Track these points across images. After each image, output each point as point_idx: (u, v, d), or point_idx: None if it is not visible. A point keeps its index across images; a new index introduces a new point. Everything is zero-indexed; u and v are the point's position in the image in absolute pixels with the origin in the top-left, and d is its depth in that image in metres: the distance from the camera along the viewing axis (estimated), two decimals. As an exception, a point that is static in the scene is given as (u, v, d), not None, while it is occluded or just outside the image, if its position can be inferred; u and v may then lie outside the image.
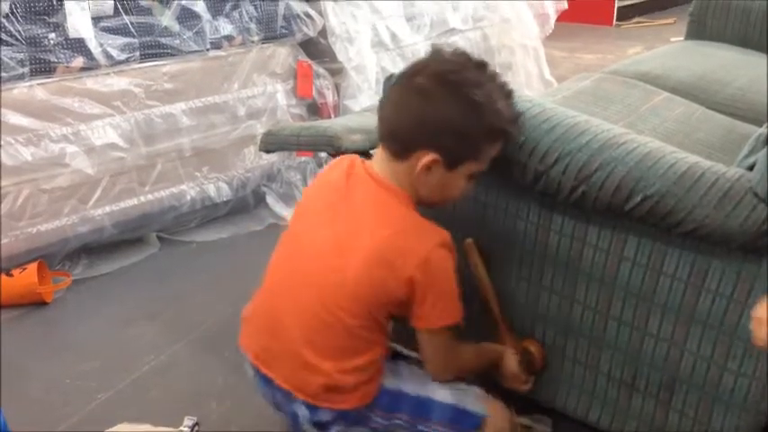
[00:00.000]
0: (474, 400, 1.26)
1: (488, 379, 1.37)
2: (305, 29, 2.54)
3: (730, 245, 1.12)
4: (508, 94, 1.20)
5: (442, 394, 1.25)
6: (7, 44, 1.92)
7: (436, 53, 1.20)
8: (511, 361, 1.36)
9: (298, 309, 1.19)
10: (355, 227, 1.17)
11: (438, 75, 1.13)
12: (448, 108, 1.12)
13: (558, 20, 3.73)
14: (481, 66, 1.18)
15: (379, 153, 1.20)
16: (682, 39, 2.96)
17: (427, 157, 1.13)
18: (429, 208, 1.21)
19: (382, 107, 1.20)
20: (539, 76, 3.56)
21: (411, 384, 1.25)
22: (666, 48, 2.94)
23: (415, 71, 1.16)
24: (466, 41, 3.25)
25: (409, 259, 1.13)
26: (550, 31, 3.73)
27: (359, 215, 1.17)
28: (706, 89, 2.20)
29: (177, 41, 2.23)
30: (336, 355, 1.18)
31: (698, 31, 2.83)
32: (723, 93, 2.18)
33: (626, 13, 5.79)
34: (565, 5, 3.74)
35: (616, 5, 5.68)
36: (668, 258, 1.19)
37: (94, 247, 2.22)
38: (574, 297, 1.32)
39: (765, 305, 0.90)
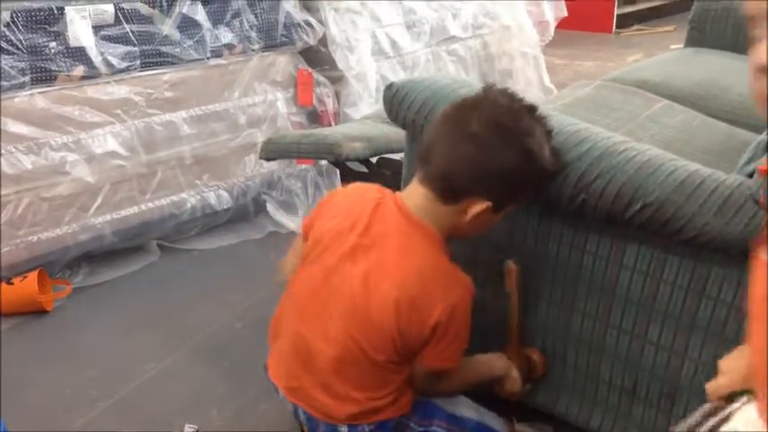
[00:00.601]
0: (492, 418, 1.32)
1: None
2: (305, 37, 2.55)
3: (730, 252, 1.12)
4: (550, 135, 1.20)
5: (468, 412, 1.29)
6: (8, 53, 1.92)
7: (488, 93, 1.20)
8: (515, 383, 1.36)
9: (327, 342, 1.19)
10: (384, 267, 1.16)
11: (493, 123, 1.13)
12: (505, 159, 1.12)
13: (557, 27, 3.74)
14: (532, 110, 1.19)
15: (417, 189, 1.18)
16: (681, 46, 2.97)
17: (481, 205, 1.14)
18: (456, 239, 1.23)
19: (428, 144, 1.18)
20: (539, 84, 3.57)
21: (439, 400, 1.28)
22: (666, 55, 2.95)
23: (467, 115, 1.15)
24: (466, 49, 3.26)
25: (436, 306, 1.14)
26: (550, 39, 3.74)
27: (388, 254, 1.17)
28: (705, 96, 2.20)
29: (178, 50, 2.24)
30: (366, 386, 1.20)
31: (697, 39, 2.83)
32: (723, 99, 2.18)
33: (625, 21, 5.80)
34: (564, 13, 3.75)
35: (615, 13, 5.69)
36: (668, 266, 1.19)
37: (95, 256, 2.22)
38: (573, 305, 1.32)
39: (731, 358, 0.91)
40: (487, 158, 1.12)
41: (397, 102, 1.40)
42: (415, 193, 1.18)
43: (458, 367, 1.24)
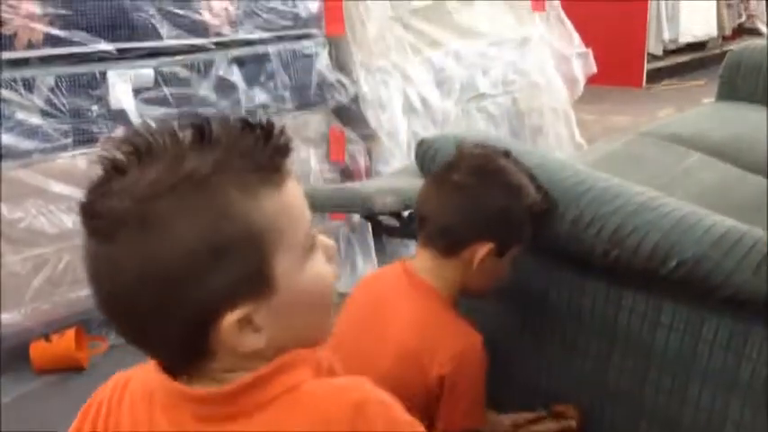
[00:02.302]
0: None
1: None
2: (337, 96, 2.60)
3: (770, 310, 1.10)
4: (532, 176, 1.23)
5: None
6: (52, 116, 1.99)
7: (461, 150, 1.25)
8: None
9: None
10: (386, 328, 1.17)
11: (474, 168, 1.18)
12: (492, 197, 1.17)
13: (587, 83, 3.76)
14: (507, 153, 1.24)
15: (421, 253, 1.21)
16: (713, 100, 2.96)
17: (484, 248, 1.16)
18: (476, 298, 1.24)
19: (420, 207, 1.23)
20: (569, 139, 3.57)
21: None
22: (698, 109, 2.94)
23: (447, 170, 1.21)
24: (496, 106, 3.29)
25: (438, 356, 1.13)
26: (580, 95, 3.76)
27: (391, 317, 1.18)
28: (739, 150, 2.19)
29: (214, 111, 2.29)
30: None
31: (729, 93, 2.82)
32: (756, 153, 2.16)
33: (655, 76, 5.82)
34: (594, 69, 3.77)
35: (645, 68, 5.72)
36: (706, 324, 1.17)
37: (131, 313, 2.24)
38: (610, 362, 1.30)
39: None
40: (476, 201, 1.16)
41: (429, 157, 1.42)
42: (420, 257, 1.21)
43: (480, 427, 1.21)
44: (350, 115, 2.70)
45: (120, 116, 2.11)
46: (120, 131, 2.11)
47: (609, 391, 1.31)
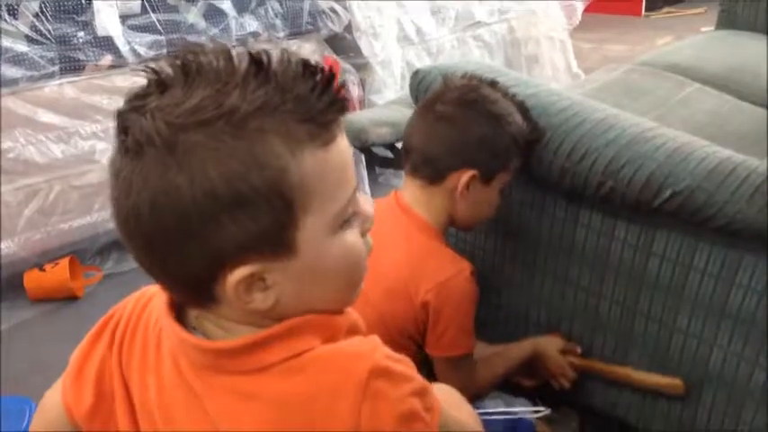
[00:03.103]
0: (521, 404, 1.31)
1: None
2: (330, 24, 2.55)
3: (762, 240, 1.10)
4: (522, 106, 1.23)
5: (495, 403, 1.29)
6: (37, 43, 1.95)
7: (448, 81, 1.25)
8: (552, 351, 1.35)
9: None
10: (380, 255, 1.17)
11: (457, 99, 1.19)
12: (474, 126, 1.17)
13: (585, 11, 3.69)
14: (493, 83, 1.24)
15: (408, 182, 1.22)
16: (712, 29, 2.92)
17: (466, 175, 1.16)
18: (467, 230, 1.24)
19: (406, 139, 1.24)
20: (566, 69, 3.53)
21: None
22: (697, 38, 2.90)
23: (432, 101, 1.21)
24: (492, 34, 3.23)
25: (423, 283, 1.15)
26: (577, 23, 3.69)
27: (385, 244, 1.18)
28: (738, 80, 2.16)
29: (203, 38, 2.25)
30: None
31: (728, 21, 2.78)
32: (755, 84, 2.14)
33: (655, 3, 5.72)
34: (592, -4, 3.70)
35: (645, -5, 5.61)
36: (698, 253, 1.18)
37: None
38: (601, 293, 1.31)
39: None
40: (459, 130, 1.17)
41: (423, 88, 1.39)
42: (408, 186, 1.22)
43: (468, 355, 1.23)
44: (343, 44, 2.66)
45: (106, 43, 2.06)
46: (107, 59, 2.07)
47: (600, 321, 1.33)
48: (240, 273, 0.57)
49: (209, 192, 0.55)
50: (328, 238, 0.60)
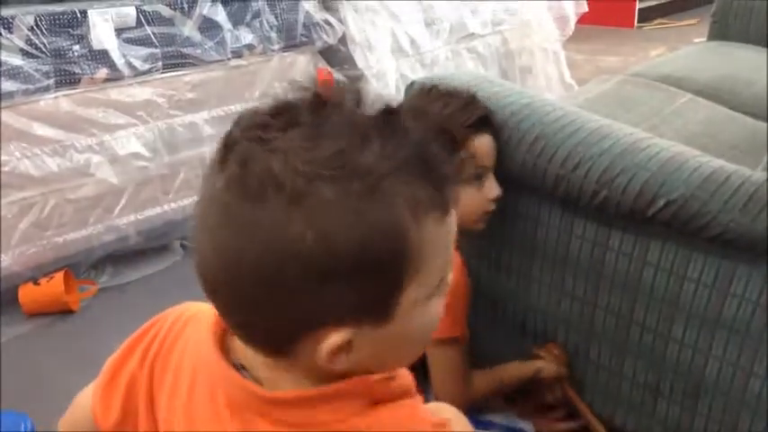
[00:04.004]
0: (522, 420, 1.34)
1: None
2: (325, 36, 2.55)
3: (756, 249, 1.11)
4: (471, 97, 1.25)
5: (495, 416, 1.32)
6: (33, 56, 1.95)
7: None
8: (551, 373, 1.36)
9: None
10: None
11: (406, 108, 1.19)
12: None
13: (578, 22, 3.71)
14: (429, 91, 1.30)
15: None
16: (705, 40, 2.94)
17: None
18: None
19: None
20: (559, 80, 3.54)
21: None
22: (689, 49, 2.92)
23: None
24: (486, 46, 3.25)
25: None
26: (570, 34, 3.71)
27: None
28: (730, 90, 2.18)
29: (199, 51, 2.25)
30: None
31: (721, 32, 2.80)
32: (747, 94, 2.15)
33: (647, 15, 5.74)
34: (585, 8, 3.72)
35: (637, 7, 5.64)
36: (693, 263, 1.18)
37: (120, 256, 2.24)
38: (596, 302, 1.31)
39: None
40: None
41: (417, 100, 1.40)
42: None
43: (454, 339, 1.22)
44: (337, 56, 2.66)
45: (102, 56, 2.07)
46: (102, 72, 2.07)
47: (595, 330, 1.33)
48: (336, 339, 0.54)
49: (333, 253, 0.51)
50: (423, 305, 0.58)
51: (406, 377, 0.63)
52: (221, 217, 0.53)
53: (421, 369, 1.23)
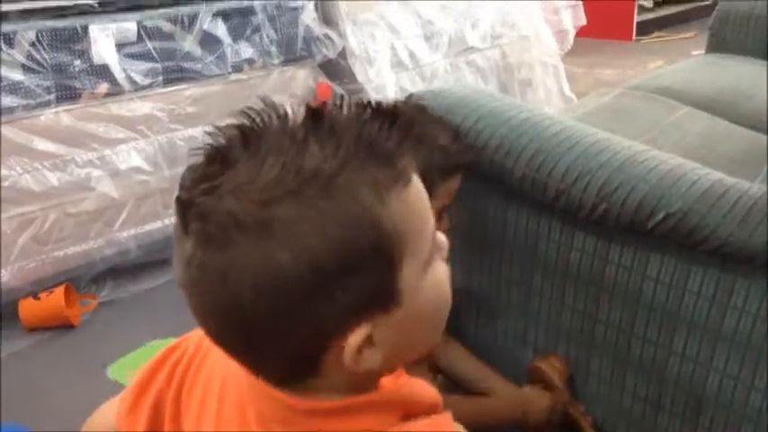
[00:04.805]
0: None
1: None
2: (324, 50, 2.57)
3: (755, 262, 1.11)
4: (451, 129, 1.22)
5: None
6: (34, 72, 1.96)
7: None
8: (539, 409, 1.34)
9: None
10: None
11: None
12: None
13: (576, 35, 3.73)
14: (420, 109, 1.23)
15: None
16: (703, 52, 2.95)
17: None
18: None
19: None
20: (558, 93, 3.56)
21: None
22: (687, 62, 2.93)
23: None
24: (485, 59, 3.26)
25: None
26: (569, 47, 3.73)
27: None
28: (728, 103, 2.19)
29: (199, 65, 2.27)
30: None
31: (718, 45, 2.81)
32: (746, 106, 2.16)
33: (645, 28, 5.77)
34: (583, 21, 3.74)
35: (635, 20, 5.67)
36: (692, 276, 1.18)
37: (120, 270, 2.24)
38: (597, 315, 1.31)
39: None
40: None
41: (416, 114, 1.41)
42: None
43: None
44: (337, 70, 2.68)
45: (103, 71, 2.08)
46: (103, 87, 2.08)
47: (596, 343, 1.33)
48: (357, 338, 0.54)
49: (315, 264, 0.51)
50: (422, 277, 0.57)
51: (433, 393, 0.63)
52: (202, 276, 0.53)
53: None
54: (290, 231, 0.51)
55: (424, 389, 0.63)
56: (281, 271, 0.51)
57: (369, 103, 0.56)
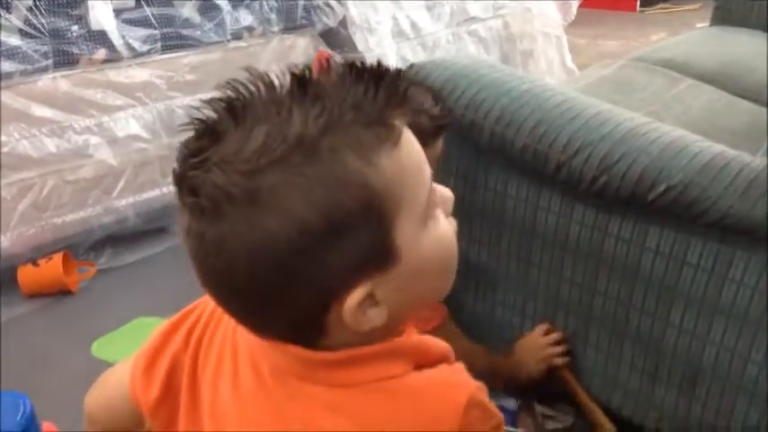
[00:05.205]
0: (504, 398, 1.34)
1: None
2: (325, 19, 2.54)
3: (755, 235, 1.11)
4: (432, 90, 1.21)
5: None
6: (31, 37, 1.94)
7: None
8: (535, 341, 1.36)
9: None
10: None
11: None
12: None
13: (580, 6, 3.69)
14: (398, 72, 1.23)
15: None
16: (707, 25, 2.93)
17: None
18: None
19: None
20: (561, 64, 3.53)
21: None
22: (691, 34, 2.91)
23: None
24: (487, 30, 3.23)
25: None
26: (572, 18, 3.69)
27: None
28: (731, 76, 2.17)
29: (198, 33, 2.24)
30: None
31: (723, 17, 2.79)
32: (749, 79, 2.15)
33: (650, -1, 5.72)
34: (587, -8, 3.70)
35: (639, -9, 5.61)
36: (691, 248, 1.18)
37: (118, 238, 2.24)
38: (595, 287, 1.31)
39: None
40: None
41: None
42: None
43: None
44: (338, 39, 2.65)
45: (101, 37, 2.05)
46: (101, 53, 2.06)
47: (594, 315, 1.34)
48: (355, 298, 0.55)
49: (304, 228, 0.52)
50: (422, 232, 0.58)
51: (443, 344, 0.65)
52: (199, 246, 0.55)
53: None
54: (277, 199, 0.52)
55: (433, 340, 0.64)
56: (272, 238, 0.52)
57: (353, 64, 0.56)
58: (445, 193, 0.63)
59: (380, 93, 0.55)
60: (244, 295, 0.56)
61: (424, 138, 1.13)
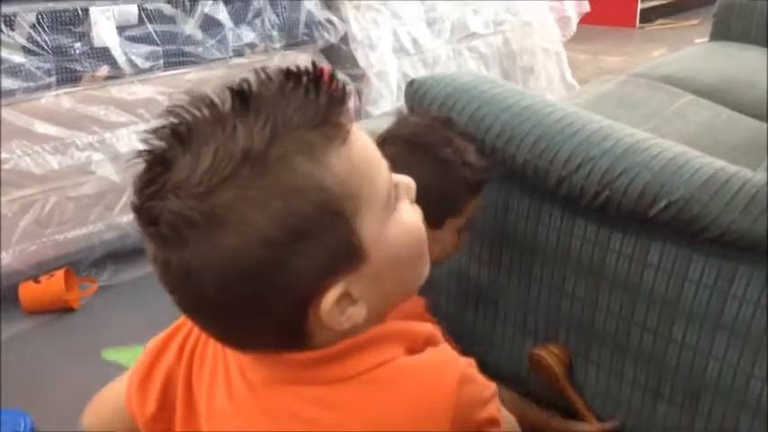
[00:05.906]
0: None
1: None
2: (326, 35, 2.56)
3: (757, 250, 1.11)
4: (474, 142, 1.20)
5: None
6: (34, 54, 1.95)
7: (401, 119, 1.21)
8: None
9: None
10: None
11: (405, 141, 1.14)
12: (421, 172, 1.10)
13: (579, 22, 3.71)
14: (447, 122, 1.20)
15: None
16: (707, 40, 2.94)
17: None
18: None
19: None
20: (561, 80, 3.54)
21: None
22: (691, 50, 2.92)
23: (382, 140, 1.15)
24: (487, 46, 3.25)
25: None
26: (572, 34, 3.71)
27: None
28: (731, 91, 2.18)
29: (200, 49, 2.25)
30: None
31: (722, 33, 2.80)
32: (749, 95, 2.15)
33: (649, 15, 5.74)
34: (587, 8, 3.72)
35: (639, 7, 5.64)
36: (693, 264, 1.18)
37: (120, 254, 2.24)
38: (597, 303, 1.31)
39: None
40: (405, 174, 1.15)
41: (418, 98, 1.40)
42: None
43: None
44: (339, 55, 2.67)
45: (103, 54, 2.07)
46: (104, 70, 2.07)
47: (596, 331, 1.33)
48: (330, 299, 0.56)
49: (266, 241, 0.52)
50: (386, 225, 0.59)
51: (427, 325, 0.66)
52: (166, 274, 0.56)
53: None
54: (234, 215, 0.52)
55: (417, 323, 0.65)
56: (236, 255, 0.53)
57: (289, 70, 0.56)
58: (406, 182, 0.64)
59: (321, 93, 0.55)
60: (220, 315, 0.57)
61: (469, 191, 1.15)
